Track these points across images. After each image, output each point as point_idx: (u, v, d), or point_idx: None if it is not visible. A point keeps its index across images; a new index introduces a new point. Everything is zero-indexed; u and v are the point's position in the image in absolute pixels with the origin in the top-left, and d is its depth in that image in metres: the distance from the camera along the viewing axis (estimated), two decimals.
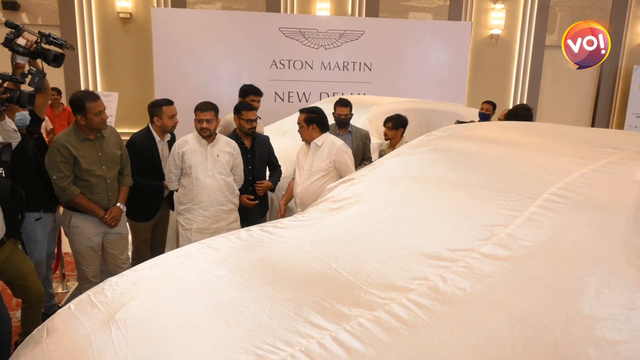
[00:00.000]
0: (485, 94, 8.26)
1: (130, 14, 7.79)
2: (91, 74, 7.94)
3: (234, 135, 3.27)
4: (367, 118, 4.64)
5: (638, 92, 9.08)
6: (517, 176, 1.63)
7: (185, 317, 1.35)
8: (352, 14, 8.40)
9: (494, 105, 5.52)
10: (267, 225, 2.04)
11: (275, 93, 7.70)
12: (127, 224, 3.06)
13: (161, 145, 3.15)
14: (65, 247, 4.08)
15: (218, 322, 1.31)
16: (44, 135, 6.06)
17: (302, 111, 3.11)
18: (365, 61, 7.89)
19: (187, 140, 2.96)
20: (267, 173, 3.51)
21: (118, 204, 2.82)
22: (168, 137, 3.20)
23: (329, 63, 7.80)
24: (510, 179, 1.64)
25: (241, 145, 3.23)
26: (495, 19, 8.74)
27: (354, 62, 7.87)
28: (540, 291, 1.23)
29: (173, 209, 3.37)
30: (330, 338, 1.21)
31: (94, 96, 2.64)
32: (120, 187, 2.85)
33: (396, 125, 3.93)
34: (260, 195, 3.32)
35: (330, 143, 3.06)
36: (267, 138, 3.49)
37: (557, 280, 1.24)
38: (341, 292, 1.40)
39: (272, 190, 3.48)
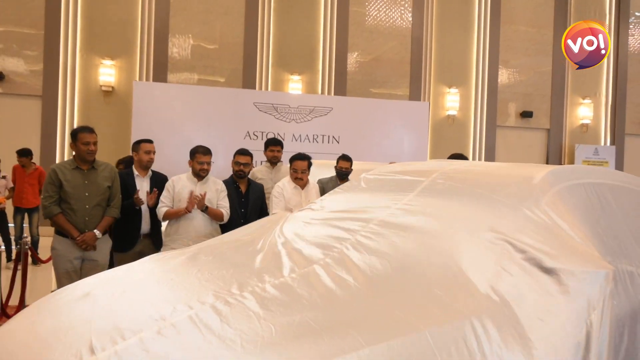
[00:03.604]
0: None
1: (113, 87, 8.30)
2: (68, 142, 8.12)
3: (230, 180, 3.61)
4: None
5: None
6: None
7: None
8: (322, 93, 9.20)
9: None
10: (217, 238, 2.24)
11: None
12: (111, 256, 3.19)
13: (139, 180, 3.42)
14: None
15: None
16: (4, 193, 6.12)
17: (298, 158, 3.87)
18: (333, 134, 8.46)
19: (181, 177, 3.39)
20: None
21: (95, 230, 2.94)
22: (150, 174, 3.49)
23: (300, 135, 8.32)
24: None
25: (236, 189, 3.57)
26: (451, 102, 9.70)
27: (323, 135, 8.42)
28: None
29: (160, 248, 3.43)
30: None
31: (87, 129, 2.96)
32: (104, 217, 3.00)
33: None
34: None
35: (313, 184, 3.75)
36: (261, 186, 3.82)
37: None
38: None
39: None
